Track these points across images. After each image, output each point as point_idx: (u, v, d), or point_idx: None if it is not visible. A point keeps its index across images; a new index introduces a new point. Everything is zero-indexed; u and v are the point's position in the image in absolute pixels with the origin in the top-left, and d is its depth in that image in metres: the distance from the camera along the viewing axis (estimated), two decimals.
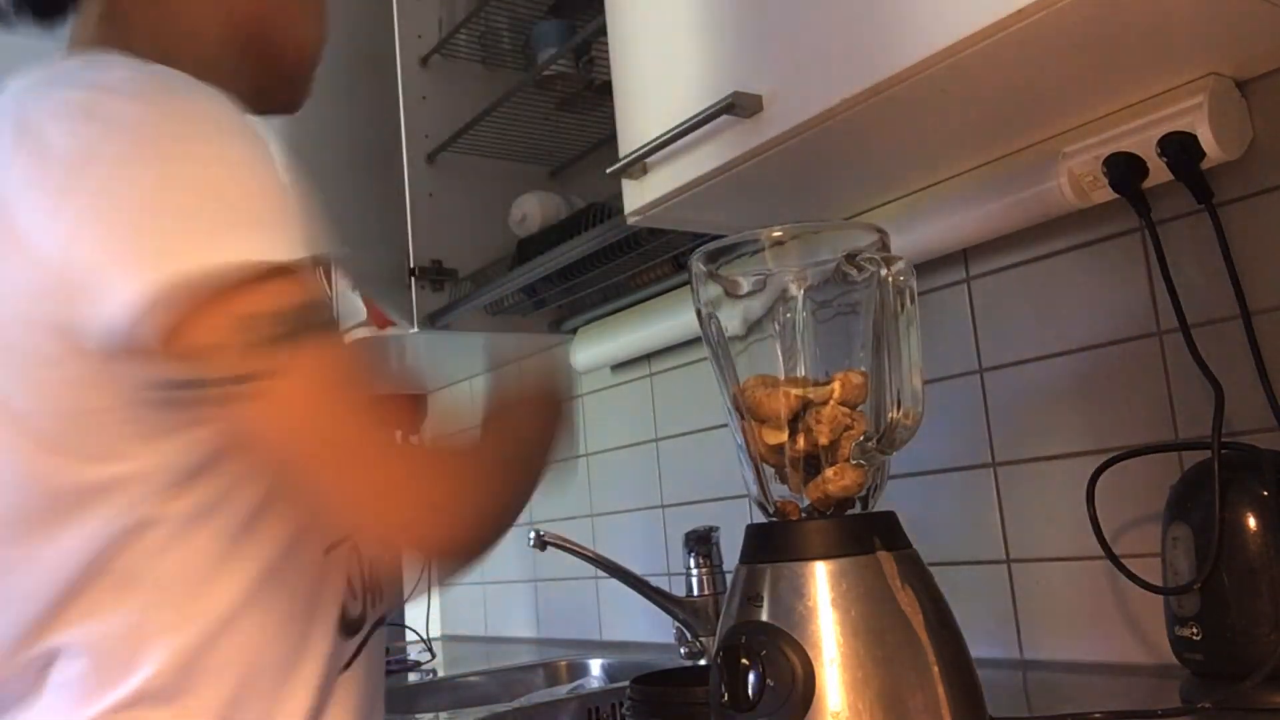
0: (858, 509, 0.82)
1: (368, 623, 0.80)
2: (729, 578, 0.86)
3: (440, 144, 1.73)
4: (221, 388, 0.61)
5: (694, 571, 1.32)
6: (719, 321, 0.88)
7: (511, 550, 2.13)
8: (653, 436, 1.75)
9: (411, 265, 1.70)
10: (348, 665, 0.76)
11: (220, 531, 0.67)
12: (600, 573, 1.42)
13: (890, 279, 0.79)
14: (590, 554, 1.26)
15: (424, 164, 1.75)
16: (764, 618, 0.77)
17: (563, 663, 1.69)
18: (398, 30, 1.77)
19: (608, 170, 1.15)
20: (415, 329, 1.69)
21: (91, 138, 0.61)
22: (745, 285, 0.87)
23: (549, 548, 1.29)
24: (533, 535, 1.27)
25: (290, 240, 0.63)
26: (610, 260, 1.50)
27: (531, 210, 1.61)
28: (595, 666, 1.65)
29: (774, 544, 0.80)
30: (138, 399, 0.63)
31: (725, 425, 1.53)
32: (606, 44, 1.20)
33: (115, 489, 0.64)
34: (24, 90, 0.65)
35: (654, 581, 1.31)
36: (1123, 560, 0.95)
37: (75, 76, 0.66)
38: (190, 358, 0.61)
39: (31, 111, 0.63)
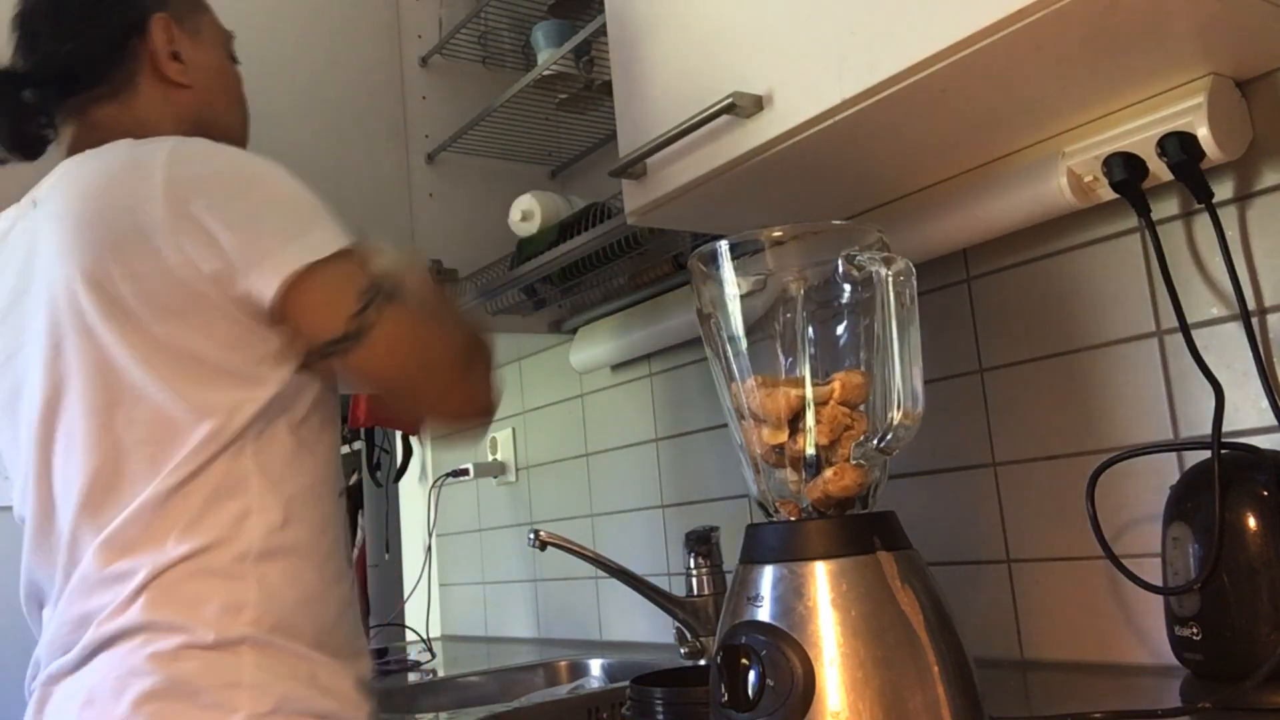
0: (858, 509, 0.82)
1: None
2: (729, 578, 0.86)
3: (440, 144, 1.74)
4: (348, 341, 0.90)
5: (694, 571, 1.32)
6: (719, 321, 0.88)
7: (511, 550, 2.13)
8: (653, 436, 1.75)
9: None
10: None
11: (299, 436, 0.93)
12: (600, 573, 1.42)
13: (890, 279, 0.79)
14: (590, 554, 1.26)
15: (424, 164, 1.75)
16: (764, 618, 0.77)
17: (563, 663, 1.69)
18: (398, 30, 1.77)
19: (608, 171, 1.15)
20: None
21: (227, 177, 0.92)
22: (745, 285, 0.87)
23: (549, 548, 1.29)
24: (532, 535, 1.27)
25: (343, 232, 0.93)
26: (610, 260, 1.50)
27: (531, 210, 1.61)
28: (595, 666, 1.65)
29: (774, 544, 0.80)
30: (270, 352, 0.91)
31: (725, 425, 1.53)
32: (606, 44, 1.20)
33: (247, 405, 0.90)
34: (157, 153, 0.92)
35: (654, 581, 1.31)
36: (1123, 560, 0.95)
37: (181, 147, 0.93)
38: (310, 323, 0.90)
39: (179, 170, 0.91)
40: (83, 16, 1.01)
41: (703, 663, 1.24)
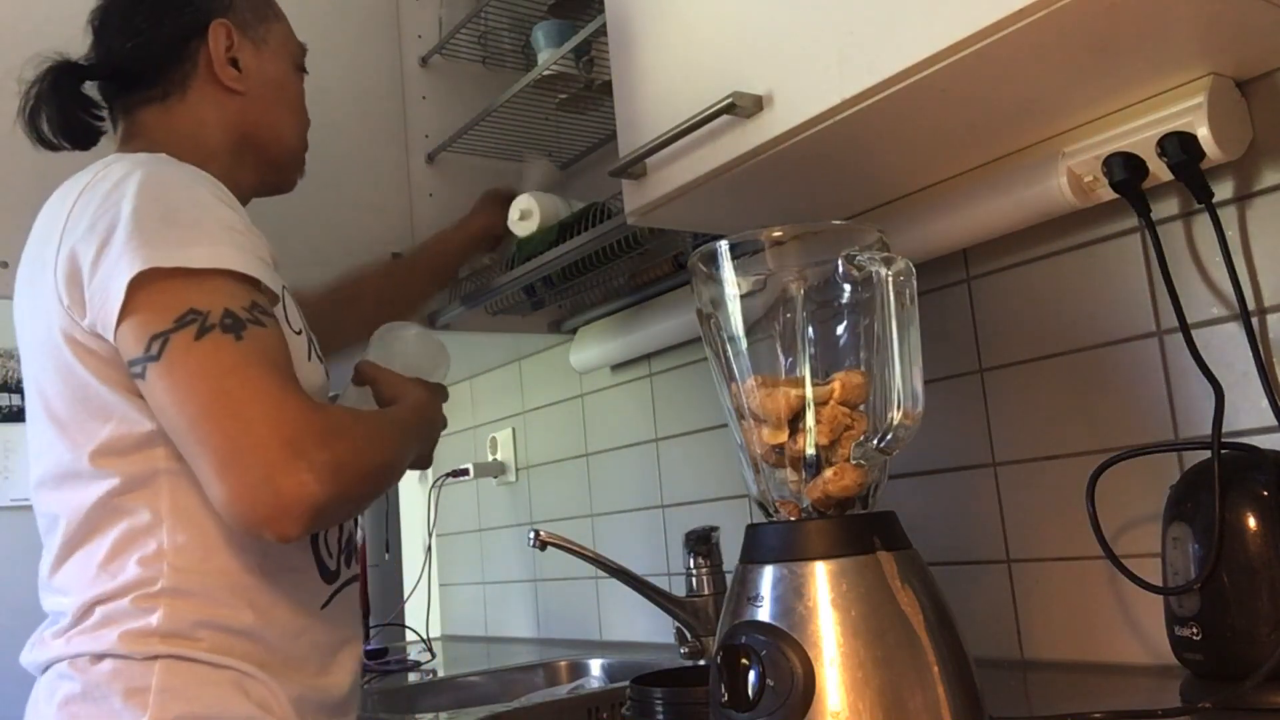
0: (858, 509, 0.82)
1: (341, 577, 1.02)
2: (729, 578, 0.86)
3: (440, 144, 1.73)
4: (139, 365, 0.83)
5: (694, 571, 1.32)
6: (719, 321, 0.88)
7: (511, 550, 2.13)
8: (653, 436, 1.75)
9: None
10: (325, 605, 0.98)
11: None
12: (600, 573, 1.42)
13: (890, 279, 0.79)
14: (590, 554, 1.26)
15: (424, 164, 1.75)
16: (764, 618, 0.77)
17: (563, 663, 1.69)
18: (398, 30, 1.77)
19: (608, 171, 1.15)
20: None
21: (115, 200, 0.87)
22: (745, 285, 0.87)
23: (549, 548, 1.29)
24: (532, 535, 1.27)
25: (224, 256, 0.85)
26: (610, 260, 1.50)
27: (530, 210, 1.61)
28: (595, 666, 1.65)
29: (774, 544, 0.80)
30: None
31: (725, 425, 1.53)
32: (606, 44, 1.20)
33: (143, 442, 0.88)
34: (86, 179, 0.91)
35: (654, 581, 1.31)
36: (1123, 560, 0.95)
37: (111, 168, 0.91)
38: (122, 343, 0.84)
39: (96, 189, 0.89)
40: (149, 16, 1.03)
41: (703, 663, 1.24)
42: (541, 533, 1.24)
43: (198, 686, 0.86)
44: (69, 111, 1.02)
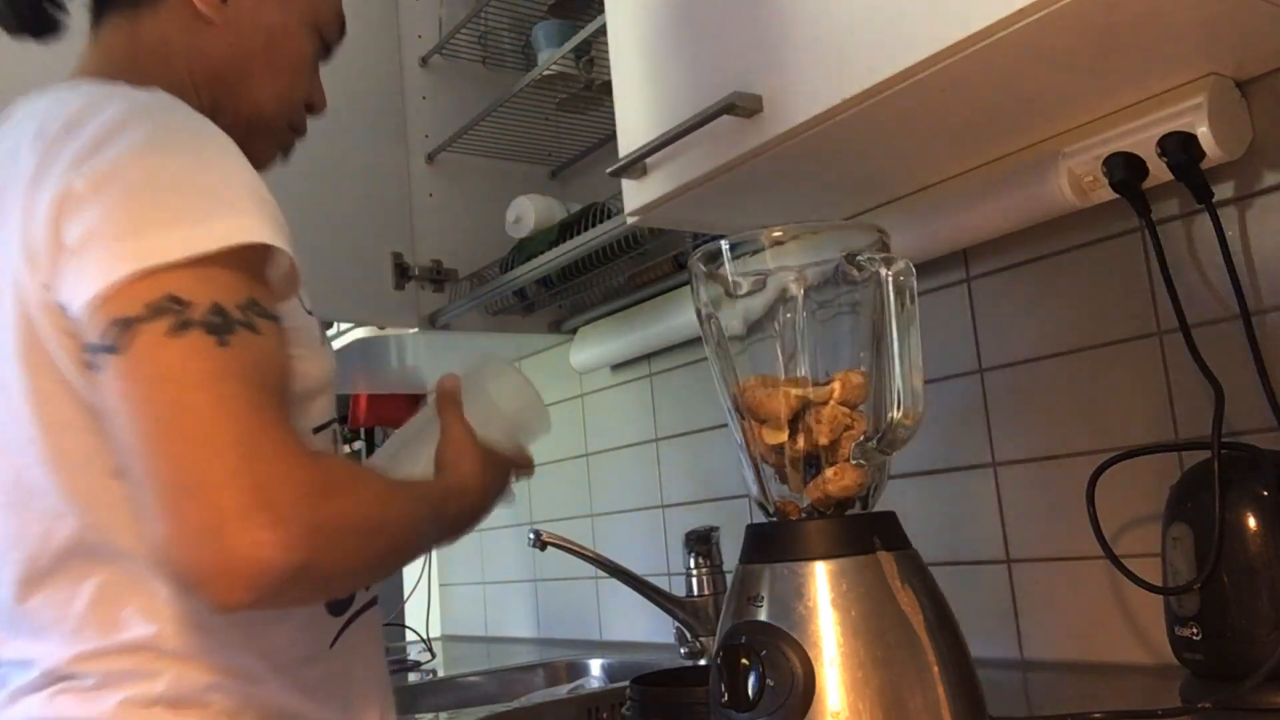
0: (858, 509, 0.82)
1: (353, 605, 0.85)
2: (729, 578, 0.86)
3: (440, 144, 1.73)
4: (94, 354, 0.66)
5: (694, 571, 1.32)
6: (719, 321, 0.88)
7: (511, 550, 2.13)
8: (653, 436, 1.75)
9: (411, 265, 1.70)
10: (333, 643, 0.82)
11: None
12: (600, 573, 1.42)
13: (890, 279, 0.79)
14: (590, 554, 1.26)
15: (424, 164, 1.75)
16: (764, 618, 0.77)
17: (563, 663, 1.69)
18: (398, 30, 1.77)
19: (608, 170, 1.15)
20: (415, 329, 1.69)
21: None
22: (745, 285, 0.87)
23: (549, 548, 1.29)
24: (533, 535, 1.27)
25: (242, 229, 0.68)
26: (610, 260, 1.50)
27: (526, 212, 1.61)
28: (595, 666, 1.65)
29: (774, 544, 0.80)
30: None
31: (725, 425, 1.53)
32: (606, 44, 1.20)
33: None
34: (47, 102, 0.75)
35: (654, 581, 1.31)
36: (1123, 560, 0.95)
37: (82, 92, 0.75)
38: (86, 319, 0.66)
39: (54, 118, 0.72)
40: None
41: (703, 663, 1.24)
42: (542, 533, 1.24)
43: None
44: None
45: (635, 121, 1.15)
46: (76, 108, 0.72)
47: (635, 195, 1.16)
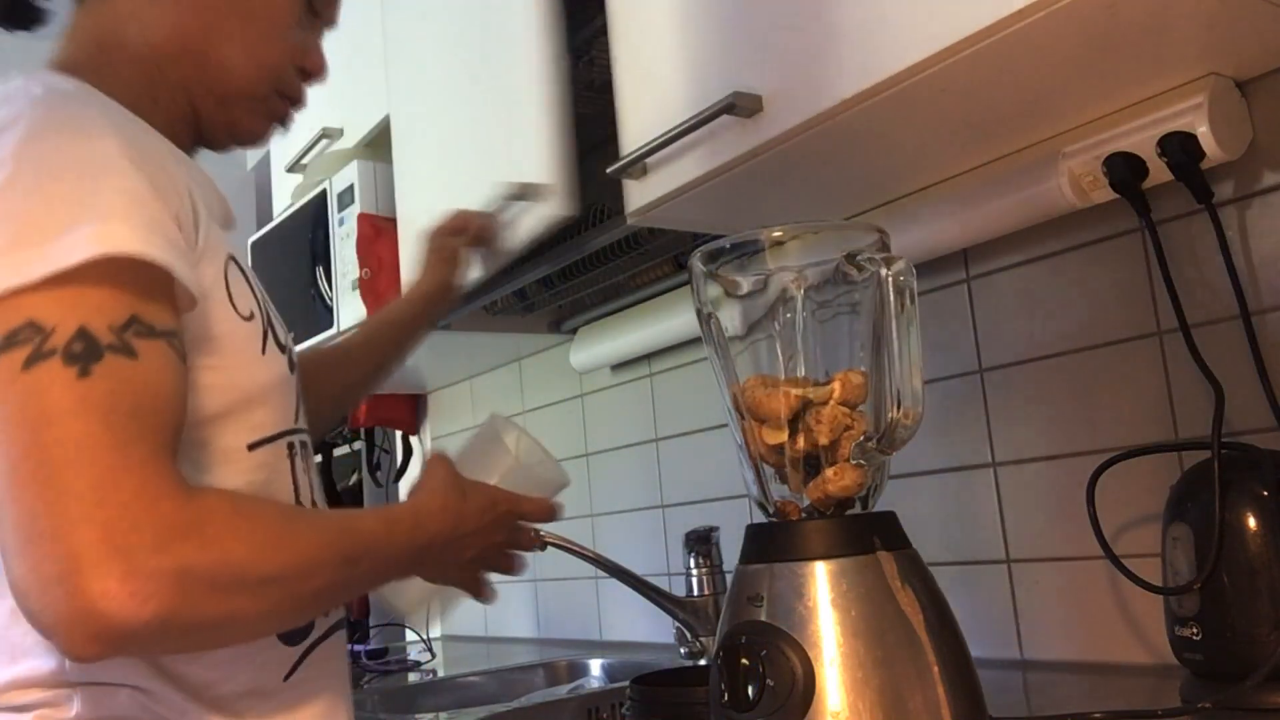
0: (858, 509, 0.82)
1: (313, 633, 0.79)
2: (729, 578, 0.86)
3: None
4: None
5: (694, 571, 1.32)
6: (719, 321, 0.88)
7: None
8: (653, 436, 1.75)
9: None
10: (289, 675, 0.77)
11: None
12: (600, 573, 1.42)
13: (890, 279, 0.79)
14: (590, 554, 1.26)
15: None
16: (764, 618, 0.77)
17: (563, 663, 1.69)
18: None
19: (608, 170, 1.15)
20: None
21: None
22: (745, 285, 0.87)
23: (549, 548, 1.28)
24: (533, 534, 1.27)
25: (107, 236, 0.63)
26: (610, 260, 1.49)
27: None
28: (595, 666, 1.65)
29: (774, 544, 0.80)
30: None
31: (725, 425, 1.53)
32: (607, 44, 1.20)
33: None
34: None
35: (654, 581, 1.31)
36: (1123, 560, 0.95)
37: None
38: None
39: None
40: None
41: (703, 663, 1.24)
42: (542, 532, 1.24)
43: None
44: None
45: (635, 121, 1.15)
46: None
47: (635, 195, 1.16)
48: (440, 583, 0.87)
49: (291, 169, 2.05)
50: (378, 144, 1.78)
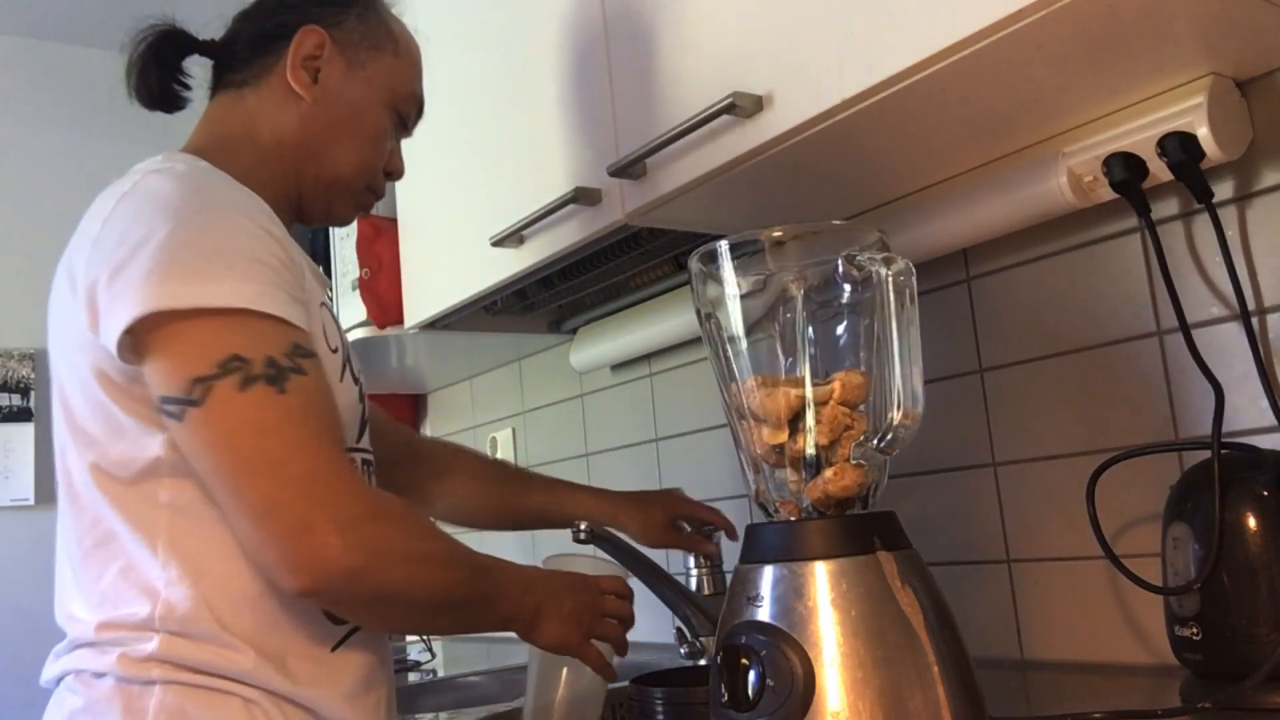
0: (858, 509, 0.82)
1: None
2: (729, 578, 0.86)
3: None
4: (177, 406, 0.81)
5: (694, 571, 1.32)
6: (719, 321, 0.88)
7: (511, 550, 2.12)
8: (653, 436, 1.75)
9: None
10: (335, 647, 0.92)
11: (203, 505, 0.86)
12: None
13: (890, 279, 0.79)
14: (628, 549, 1.25)
15: None
16: (764, 618, 0.77)
17: None
18: None
19: (608, 170, 1.15)
20: (415, 329, 1.69)
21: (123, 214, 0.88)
22: (745, 285, 0.87)
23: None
24: (579, 526, 1.27)
25: (255, 294, 0.82)
26: (610, 260, 1.49)
27: None
28: None
29: (774, 544, 0.80)
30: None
31: (725, 425, 1.53)
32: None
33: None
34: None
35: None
36: (1123, 560, 0.95)
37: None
38: (153, 376, 0.82)
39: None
40: (267, 8, 1.06)
41: (703, 663, 1.24)
42: (587, 526, 1.26)
43: (198, 711, 0.84)
44: (164, 78, 1.05)
45: (635, 121, 1.15)
46: (110, 206, 0.88)
47: (635, 195, 1.16)
48: (561, 648, 1.00)
49: None
50: None
